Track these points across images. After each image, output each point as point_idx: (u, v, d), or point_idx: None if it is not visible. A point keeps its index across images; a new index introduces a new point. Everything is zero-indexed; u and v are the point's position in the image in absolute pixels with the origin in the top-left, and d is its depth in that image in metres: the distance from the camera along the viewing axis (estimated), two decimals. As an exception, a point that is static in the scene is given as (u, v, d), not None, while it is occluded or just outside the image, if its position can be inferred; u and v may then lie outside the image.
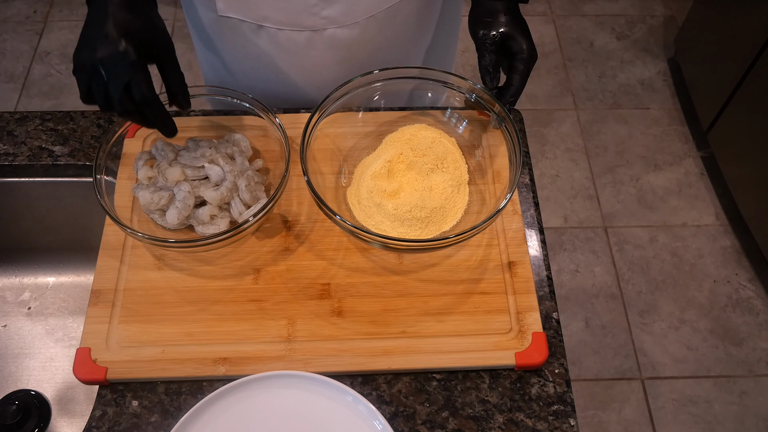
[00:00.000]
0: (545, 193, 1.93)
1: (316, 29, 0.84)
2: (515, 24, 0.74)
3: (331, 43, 0.86)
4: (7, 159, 0.88)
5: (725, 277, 1.79)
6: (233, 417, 0.68)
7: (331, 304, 0.75)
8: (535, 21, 2.33)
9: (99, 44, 0.63)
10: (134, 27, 0.65)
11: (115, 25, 0.64)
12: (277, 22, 0.84)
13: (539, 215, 0.84)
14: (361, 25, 0.85)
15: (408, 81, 0.83)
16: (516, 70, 0.74)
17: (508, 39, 0.74)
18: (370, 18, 0.85)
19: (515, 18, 0.75)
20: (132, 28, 0.64)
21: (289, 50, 0.87)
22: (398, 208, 0.77)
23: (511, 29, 0.74)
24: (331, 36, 0.85)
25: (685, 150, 2.04)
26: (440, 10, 0.96)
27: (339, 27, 0.84)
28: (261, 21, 0.84)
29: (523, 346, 0.72)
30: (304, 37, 0.85)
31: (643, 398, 1.61)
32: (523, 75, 0.74)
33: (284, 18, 0.83)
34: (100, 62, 0.63)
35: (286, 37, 0.85)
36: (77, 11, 2.32)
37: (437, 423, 0.69)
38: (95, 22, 0.64)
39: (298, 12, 0.82)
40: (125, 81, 0.64)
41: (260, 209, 0.73)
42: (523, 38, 0.74)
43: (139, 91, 0.64)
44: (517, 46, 0.74)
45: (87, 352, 0.71)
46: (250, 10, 0.83)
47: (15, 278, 0.98)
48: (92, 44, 0.64)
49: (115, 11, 0.64)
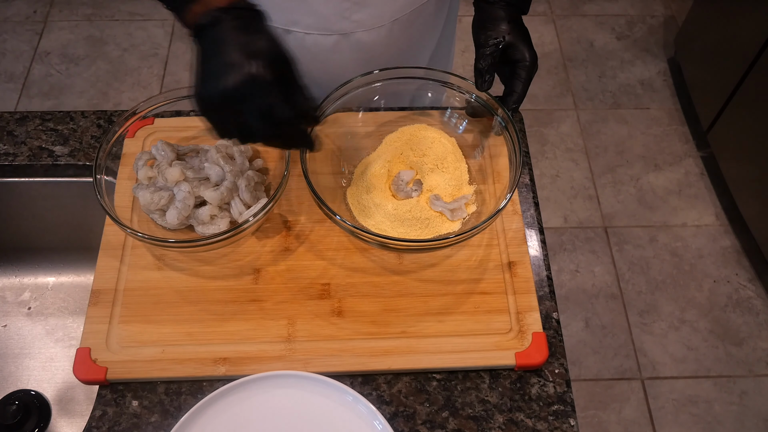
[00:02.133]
0: (545, 193, 1.93)
1: (345, 33, 0.85)
2: (517, 32, 0.75)
3: (356, 46, 0.87)
4: (7, 159, 0.88)
5: (725, 277, 1.79)
6: (233, 417, 0.68)
7: (331, 304, 0.75)
8: (535, 21, 2.33)
9: (225, 74, 0.58)
10: (258, 47, 0.59)
11: (238, 49, 0.58)
12: (306, 27, 0.84)
13: (539, 215, 0.84)
14: (386, 28, 0.86)
15: (408, 81, 0.83)
16: (518, 77, 0.75)
17: (510, 47, 0.74)
18: (395, 21, 0.86)
19: (517, 26, 0.75)
20: (256, 48, 0.59)
21: (315, 54, 0.88)
22: (398, 208, 0.77)
23: (513, 37, 0.74)
24: (357, 40, 0.86)
25: (685, 150, 2.04)
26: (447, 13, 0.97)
27: (366, 30, 0.85)
28: (290, 26, 0.84)
29: (523, 346, 0.72)
30: (332, 41, 0.86)
31: (643, 398, 1.61)
32: (525, 82, 0.75)
33: (314, 22, 0.83)
34: (234, 92, 0.58)
35: (314, 41, 0.86)
36: (77, 11, 2.32)
37: (437, 423, 0.69)
38: (212, 53, 0.59)
39: (329, 16, 0.83)
40: (264, 106, 0.59)
41: (260, 209, 0.73)
42: (525, 46, 0.74)
43: (281, 113, 0.60)
44: (519, 54, 0.74)
45: (87, 352, 0.71)
46: (279, 15, 0.83)
47: (15, 278, 0.98)
48: (217, 76, 0.58)
49: (234, 35, 0.59)
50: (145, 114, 0.83)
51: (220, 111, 0.60)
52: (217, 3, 0.60)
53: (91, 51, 2.21)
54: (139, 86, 2.11)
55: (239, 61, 0.58)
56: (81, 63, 2.18)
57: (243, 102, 0.59)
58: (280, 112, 0.60)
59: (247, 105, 0.59)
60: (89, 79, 2.14)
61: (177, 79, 2.13)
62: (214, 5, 0.59)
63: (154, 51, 2.20)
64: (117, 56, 2.19)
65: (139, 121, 0.85)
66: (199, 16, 0.60)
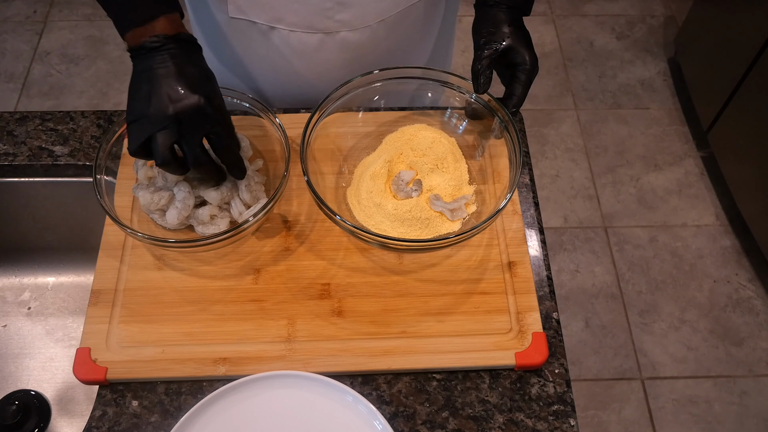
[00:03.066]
0: (545, 193, 1.93)
1: (329, 32, 0.85)
2: (518, 36, 0.75)
3: (342, 45, 0.87)
4: (7, 159, 0.88)
5: (725, 277, 1.79)
6: (233, 417, 0.68)
7: (331, 304, 0.75)
8: (535, 21, 2.33)
9: (171, 99, 0.63)
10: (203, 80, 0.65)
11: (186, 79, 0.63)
12: (290, 24, 0.84)
13: (539, 215, 0.84)
14: (372, 29, 0.86)
15: (408, 81, 0.83)
16: (518, 80, 0.75)
17: (510, 50, 0.74)
18: (381, 22, 0.86)
19: (518, 29, 0.75)
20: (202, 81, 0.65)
21: (301, 52, 0.88)
22: (398, 208, 0.77)
23: (513, 41, 0.74)
24: (342, 39, 0.86)
25: (685, 150, 2.04)
26: (443, 13, 0.96)
27: (351, 30, 0.85)
28: (274, 23, 0.84)
29: (523, 346, 0.72)
30: (317, 40, 0.85)
31: (643, 398, 1.61)
32: (525, 86, 0.75)
33: (298, 20, 0.83)
34: (176, 117, 0.63)
35: (298, 39, 0.86)
36: (77, 11, 2.32)
37: (437, 423, 0.69)
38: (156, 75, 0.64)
39: (312, 15, 0.83)
40: (202, 135, 0.64)
41: (260, 209, 0.73)
42: (525, 50, 0.74)
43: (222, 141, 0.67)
44: (520, 58, 0.74)
45: (87, 352, 0.71)
46: (263, 12, 0.83)
47: (15, 278, 0.98)
48: (161, 99, 0.63)
49: (180, 65, 0.64)
50: (145, 114, 0.83)
51: (149, 130, 0.64)
52: (164, 31, 0.64)
53: (91, 51, 2.21)
54: (139, 86, 2.10)
55: (186, 90, 0.63)
56: (81, 63, 2.18)
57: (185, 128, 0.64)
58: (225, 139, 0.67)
59: (188, 131, 0.64)
60: (89, 79, 2.14)
61: (177, 79, 2.12)
62: (161, 32, 0.64)
63: (154, 51, 2.20)
64: (117, 56, 2.19)
65: (139, 121, 0.84)
66: (144, 38, 0.64)
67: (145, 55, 0.65)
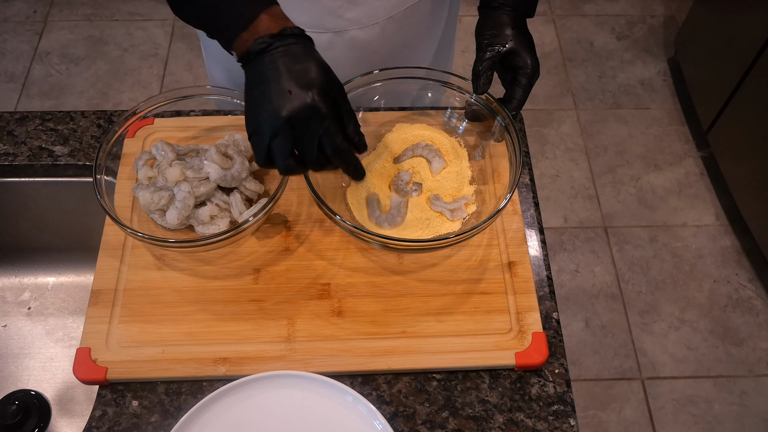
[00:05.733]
0: (545, 193, 1.93)
1: (338, 31, 0.85)
2: (521, 38, 0.74)
3: (351, 44, 0.87)
4: (7, 159, 0.88)
5: (725, 277, 1.79)
6: (233, 417, 0.68)
7: (331, 304, 0.75)
8: (535, 21, 2.32)
9: (282, 102, 0.59)
10: (313, 75, 0.60)
11: (294, 78, 0.59)
12: (298, 24, 0.84)
13: (539, 215, 0.84)
14: (380, 26, 0.86)
15: (408, 81, 0.83)
16: (519, 83, 0.74)
17: (512, 53, 0.74)
18: (389, 19, 0.86)
19: (521, 32, 0.75)
20: (311, 77, 0.60)
21: None
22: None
23: (515, 44, 0.74)
24: (351, 38, 0.86)
25: (685, 150, 2.04)
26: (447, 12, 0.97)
27: (360, 28, 0.85)
28: None
29: (523, 346, 0.72)
30: (326, 39, 0.85)
31: (643, 398, 1.61)
32: (525, 89, 0.75)
33: (308, 20, 0.83)
34: (288, 121, 0.59)
35: None
36: (77, 11, 2.32)
37: (437, 423, 0.69)
38: (266, 79, 0.60)
39: (322, 14, 0.83)
40: (319, 135, 0.60)
41: (260, 209, 0.73)
42: (527, 53, 0.74)
43: (334, 143, 0.60)
44: (521, 61, 0.74)
45: (87, 352, 0.71)
46: None
47: (15, 278, 0.98)
48: (271, 104, 0.59)
49: (288, 63, 0.60)
50: (145, 114, 0.83)
51: (268, 139, 0.60)
52: (268, 29, 0.60)
53: (91, 51, 2.21)
54: (139, 86, 2.11)
55: (296, 90, 0.59)
56: (81, 63, 2.18)
57: (299, 132, 0.60)
58: (334, 143, 0.60)
59: (304, 136, 0.60)
60: (89, 79, 2.14)
61: (177, 79, 2.13)
62: (265, 32, 0.60)
63: (154, 51, 2.20)
64: (117, 56, 2.19)
65: (139, 121, 0.85)
66: (249, 43, 0.60)
67: (253, 61, 0.61)
